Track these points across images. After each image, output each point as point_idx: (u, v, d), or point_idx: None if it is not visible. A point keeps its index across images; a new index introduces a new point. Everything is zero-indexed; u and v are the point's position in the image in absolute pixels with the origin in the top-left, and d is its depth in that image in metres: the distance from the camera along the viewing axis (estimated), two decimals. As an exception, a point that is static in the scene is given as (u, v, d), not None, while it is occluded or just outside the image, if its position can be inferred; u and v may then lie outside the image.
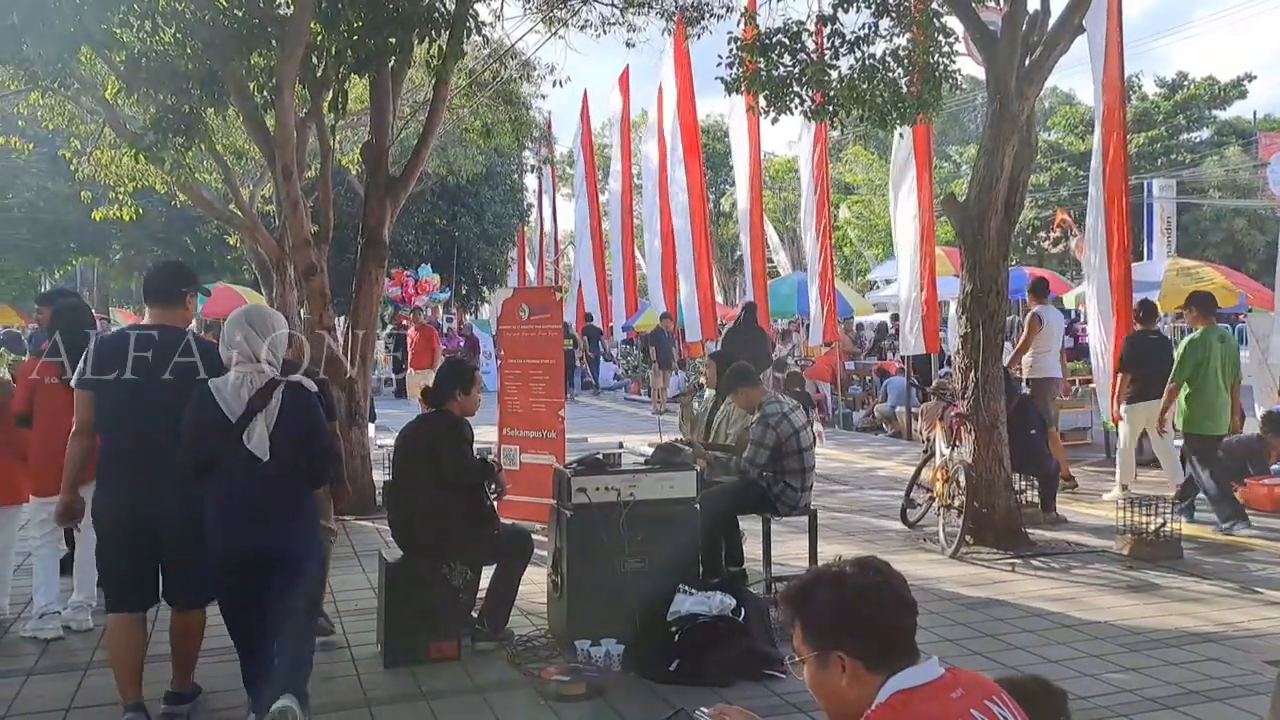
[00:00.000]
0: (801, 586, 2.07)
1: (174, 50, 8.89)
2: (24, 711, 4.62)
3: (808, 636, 2.02)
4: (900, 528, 8.35)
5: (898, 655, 1.97)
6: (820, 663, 2.00)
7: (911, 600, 2.04)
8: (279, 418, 4.05)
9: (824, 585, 2.03)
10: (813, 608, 2.02)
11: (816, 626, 2.01)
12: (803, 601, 2.04)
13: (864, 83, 8.79)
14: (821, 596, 2.01)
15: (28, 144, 16.34)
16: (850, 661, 1.96)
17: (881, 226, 33.91)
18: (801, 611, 2.04)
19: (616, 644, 5.07)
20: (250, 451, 4.02)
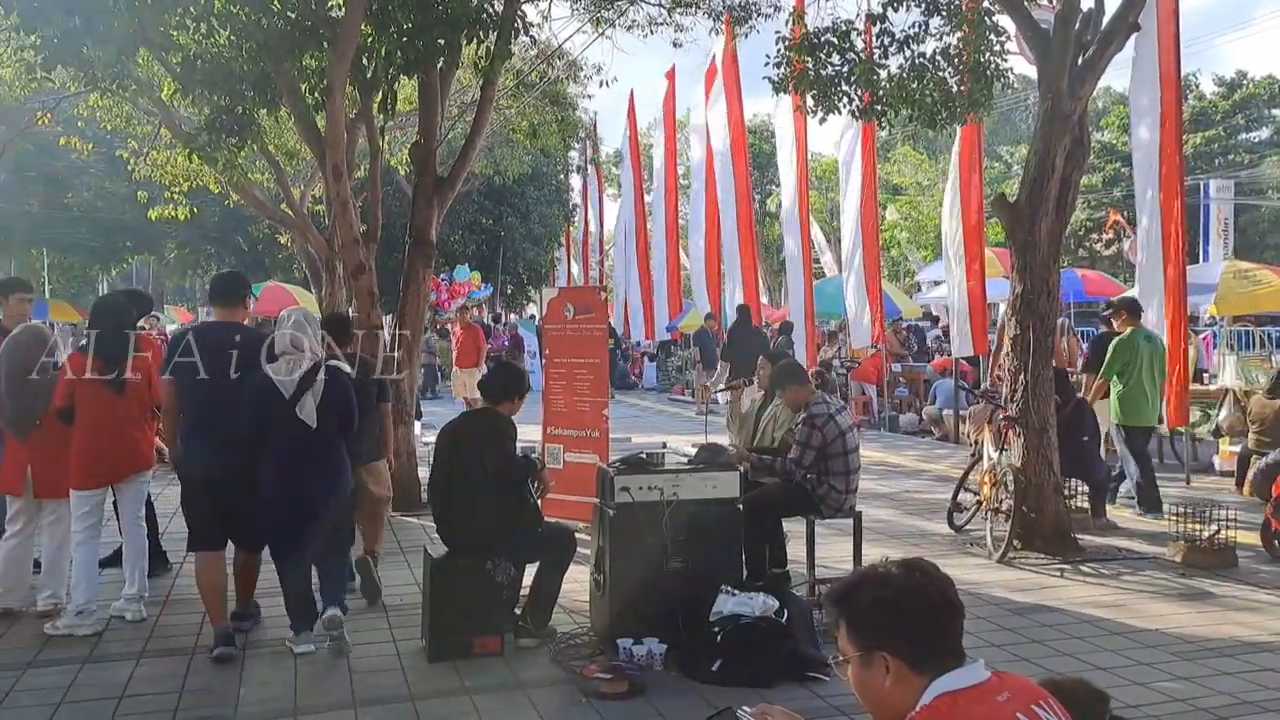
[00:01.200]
0: (847, 586, 2.06)
1: (228, 52, 9.05)
2: (77, 700, 4.72)
3: (852, 636, 2.00)
4: (946, 531, 8.26)
5: (943, 657, 1.94)
6: (864, 663, 1.98)
7: (958, 602, 2.01)
8: (323, 394, 5.12)
9: (870, 585, 2.01)
10: (858, 607, 2.00)
11: (861, 626, 1.99)
12: (848, 601, 2.02)
13: (913, 82, 8.72)
14: (867, 596, 1.99)
15: (87, 144, 16.71)
16: (895, 662, 1.94)
17: (930, 227, 33.57)
18: (846, 611, 2.02)
19: (659, 643, 5.07)
20: (302, 420, 5.06)
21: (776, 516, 6.46)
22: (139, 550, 6.00)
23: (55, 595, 5.90)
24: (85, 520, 5.76)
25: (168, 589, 6.55)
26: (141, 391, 5.93)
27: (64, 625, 5.59)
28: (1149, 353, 9.02)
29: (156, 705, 4.63)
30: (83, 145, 16.51)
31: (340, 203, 9.07)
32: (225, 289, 5.71)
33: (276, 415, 5.07)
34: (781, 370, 6.68)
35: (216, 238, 30.93)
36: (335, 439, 5.24)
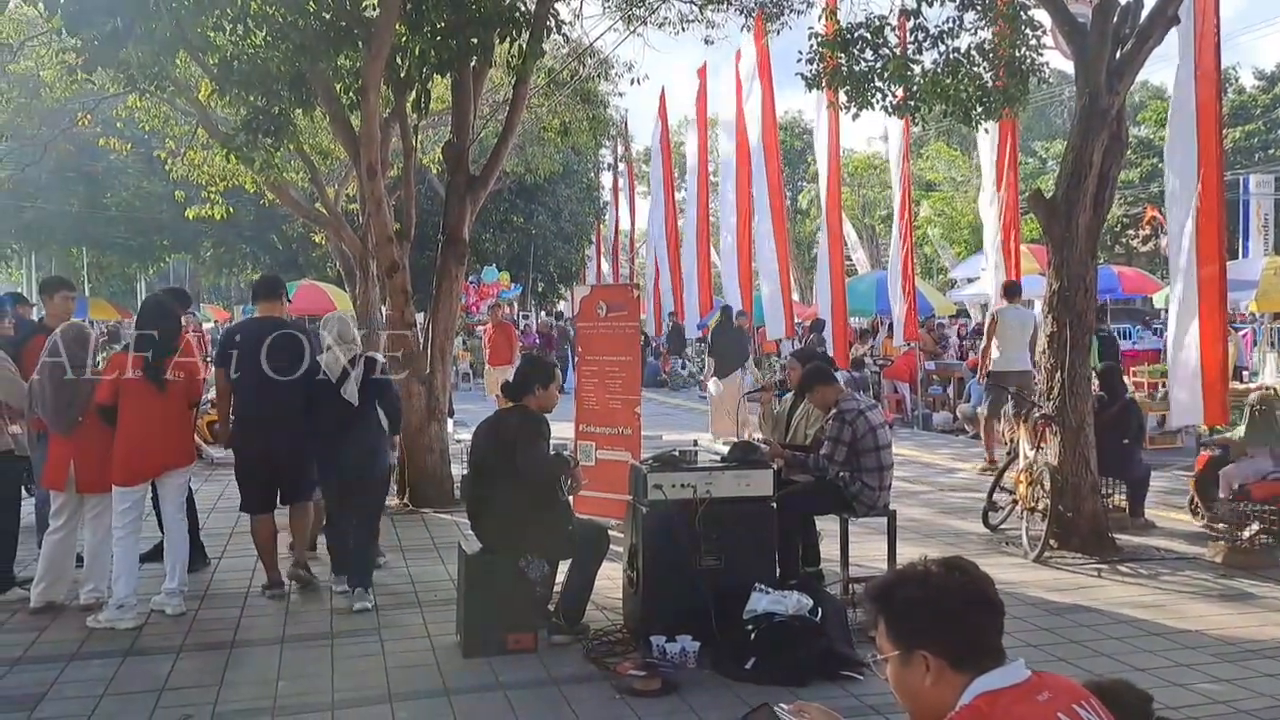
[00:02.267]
0: (886, 584, 2.05)
1: (264, 53, 9.15)
2: (119, 692, 4.79)
3: (891, 635, 1.99)
4: (982, 530, 8.20)
5: (983, 656, 1.93)
6: (904, 662, 1.97)
7: (998, 600, 2.00)
8: (362, 378, 6.09)
9: (909, 583, 2.00)
10: (897, 605, 1.99)
11: (901, 625, 1.98)
12: (887, 599, 2.01)
13: (948, 77, 8.66)
14: (906, 594, 1.98)
15: (125, 145, 16.93)
16: (934, 661, 1.93)
17: (964, 224, 33.28)
18: (885, 609, 2.01)
19: (692, 641, 5.07)
20: (346, 400, 6.06)
21: (810, 514, 6.43)
22: (179, 545, 6.09)
23: (97, 589, 5.99)
24: (126, 515, 5.85)
25: (207, 583, 6.64)
26: (182, 389, 6.03)
27: (105, 619, 5.67)
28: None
29: (196, 698, 4.70)
30: (121, 145, 16.73)
31: (374, 201, 9.14)
32: (269, 288, 6.89)
33: (325, 396, 6.09)
34: (809, 373, 6.65)
35: (252, 237, 31.29)
36: (373, 415, 6.21)
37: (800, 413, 7.01)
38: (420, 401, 9.17)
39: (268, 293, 6.79)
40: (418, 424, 9.17)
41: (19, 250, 36.16)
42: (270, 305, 6.70)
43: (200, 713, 4.52)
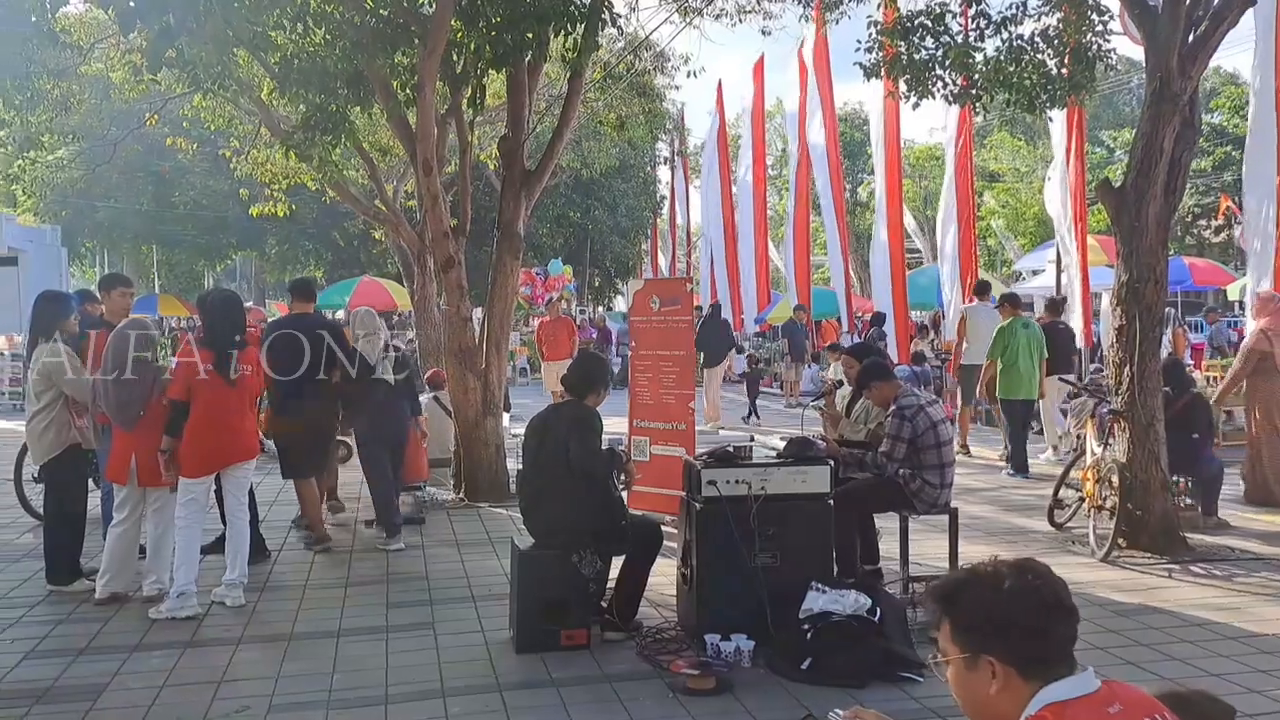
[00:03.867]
0: (954, 584, 1.95)
1: (323, 51, 9.24)
2: (179, 683, 4.85)
3: (957, 638, 1.90)
4: (1047, 529, 7.99)
5: (1054, 665, 1.84)
6: (969, 666, 1.88)
7: (1073, 606, 1.89)
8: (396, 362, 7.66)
9: (979, 585, 1.90)
10: (965, 607, 1.90)
11: (968, 627, 1.89)
12: (954, 600, 1.92)
13: (1011, 64, 8.43)
14: (976, 596, 1.89)
15: (192, 144, 17.28)
16: (1002, 668, 1.83)
17: (1029, 215, 32.60)
18: (952, 610, 1.92)
19: (747, 639, 4.99)
20: (383, 379, 7.48)
21: (868, 512, 6.31)
22: (241, 537, 6.18)
23: (159, 580, 6.09)
24: (189, 507, 5.96)
25: (266, 576, 6.72)
26: (249, 383, 6.13)
27: (166, 609, 5.77)
28: (1026, 338, 10.61)
29: (253, 690, 4.74)
30: (188, 145, 17.09)
31: (430, 197, 9.18)
32: (303, 288, 8.19)
33: (364, 376, 7.41)
34: (866, 370, 6.52)
35: (314, 234, 31.77)
36: (400, 392, 7.74)
37: (859, 408, 6.88)
38: (476, 396, 9.20)
39: (302, 292, 8.09)
40: (473, 418, 9.21)
41: (92, 248, 37.19)
42: (303, 303, 7.98)
43: (257, 705, 4.56)
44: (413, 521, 8.31)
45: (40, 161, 24.62)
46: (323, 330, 7.59)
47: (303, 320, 7.78)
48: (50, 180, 27.16)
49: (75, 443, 6.33)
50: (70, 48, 10.47)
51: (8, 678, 4.94)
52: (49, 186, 28.02)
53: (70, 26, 12.58)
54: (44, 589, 6.36)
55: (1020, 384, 10.55)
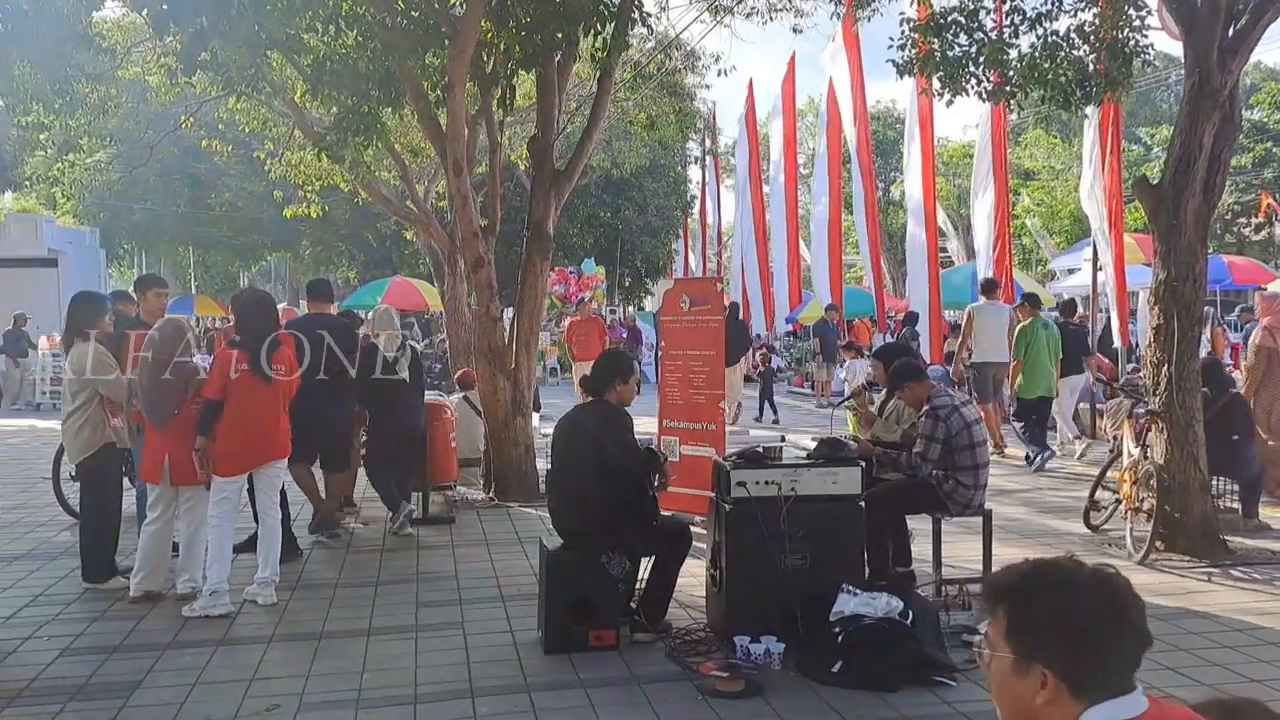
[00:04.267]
0: (1022, 580, 1.77)
1: (355, 53, 9.29)
2: (211, 680, 4.89)
3: (1013, 637, 1.74)
4: (1083, 531, 7.88)
5: (1110, 687, 1.70)
6: (1017, 670, 1.74)
7: (1148, 632, 1.72)
8: (411, 360, 8.04)
9: (1051, 587, 1.73)
10: (1030, 609, 1.72)
11: (1029, 629, 1.72)
12: (1020, 599, 1.75)
13: (1046, 61, 8.31)
14: (1046, 600, 1.72)
15: (227, 146, 17.47)
16: (1055, 682, 1.69)
17: (1064, 214, 32.22)
18: (1015, 608, 1.75)
19: (777, 642, 4.95)
20: (400, 375, 7.87)
21: (900, 513, 6.25)
22: (272, 535, 6.22)
23: (192, 579, 6.14)
24: (222, 505, 6.00)
25: (298, 574, 6.76)
26: (284, 383, 6.17)
27: (199, 607, 5.82)
28: (1045, 338, 11.00)
29: (284, 688, 4.77)
30: (223, 148, 17.26)
31: (460, 197, 9.21)
32: (318, 289, 8.51)
33: (385, 373, 7.80)
34: (898, 370, 6.45)
35: (348, 234, 32.00)
36: (416, 389, 8.20)
37: (891, 409, 6.82)
38: (505, 396, 9.21)
39: (320, 293, 8.40)
40: (503, 418, 9.22)
41: (130, 250, 37.71)
42: (320, 304, 8.24)
43: (287, 704, 4.58)
44: (442, 521, 8.34)
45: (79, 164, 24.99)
46: (323, 331, 7.62)
47: (308, 321, 7.96)
48: (89, 183, 27.56)
49: (110, 442, 6.40)
50: (107, 52, 10.59)
51: (43, 674, 4.99)
52: (88, 189, 28.44)
53: (107, 31, 12.74)
54: (80, 586, 6.44)
55: (1039, 382, 10.93)
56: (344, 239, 32.88)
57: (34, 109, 11.13)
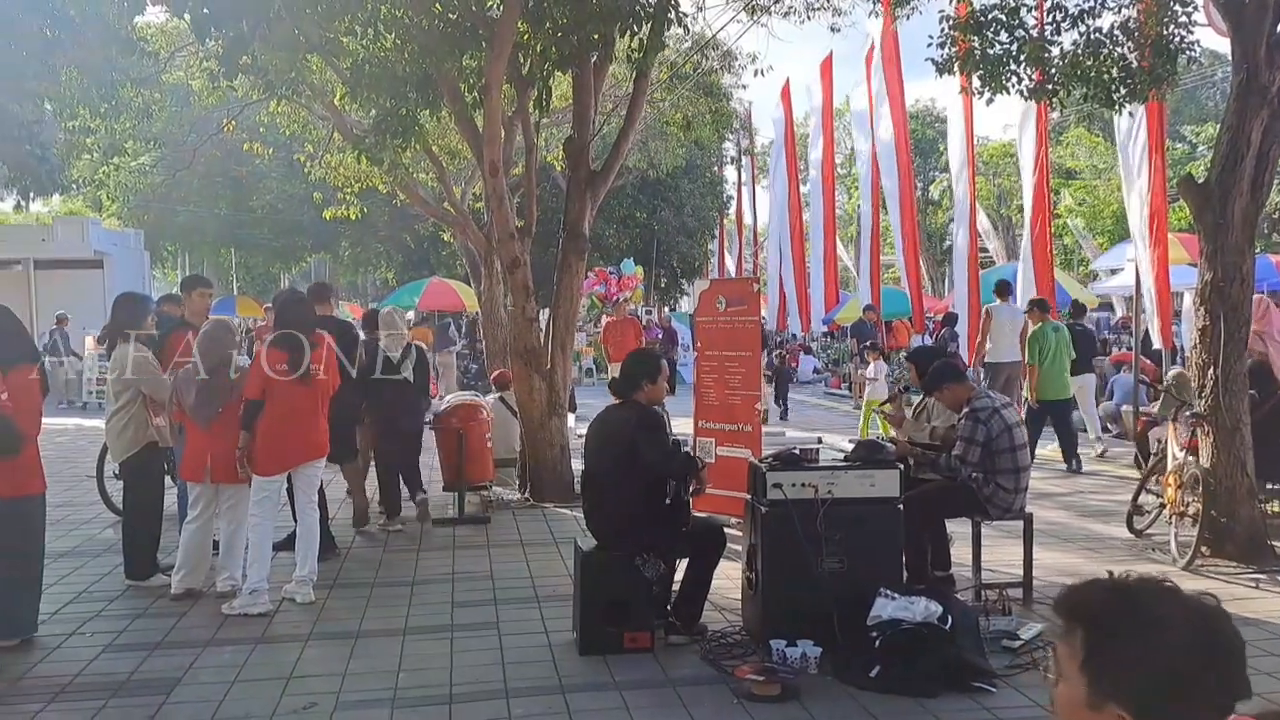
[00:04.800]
0: (1106, 610, 1.54)
1: (393, 56, 9.36)
2: (250, 678, 4.93)
3: (1090, 669, 1.54)
4: (1125, 535, 7.75)
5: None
6: (1091, 703, 1.54)
7: (1246, 680, 1.52)
8: (415, 360, 8.20)
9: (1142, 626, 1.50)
10: (1114, 647, 1.51)
11: (1110, 668, 1.51)
12: (1104, 631, 1.53)
13: (1088, 59, 8.19)
14: (1133, 640, 1.50)
15: (267, 149, 17.68)
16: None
17: (1107, 214, 31.74)
18: (1097, 640, 1.53)
19: (813, 645, 4.91)
20: (402, 375, 8.05)
21: (939, 517, 6.17)
22: (310, 534, 6.27)
23: (232, 577, 6.20)
24: (262, 505, 6.06)
25: (336, 573, 6.81)
26: (323, 383, 6.22)
27: (239, 605, 5.87)
28: (1056, 341, 11.22)
29: (321, 686, 4.80)
30: (264, 150, 17.47)
31: (496, 198, 9.24)
32: (317, 291, 8.56)
33: (386, 371, 7.98)
34: (937, 370, 6.37)
35: (386, 236, 32.29)
36: (419, 388, 8.38)
37: (918, 407, 6.73)
38: (541, 396, 9.22)
39: (321, 295, 8.38)
40: (538, 418, 9.23)
41: (174, 251, 38.30)
42: (322, 305, 8.08)
43: (324, 702, 4.61)
44: (478, 521, 8.37)
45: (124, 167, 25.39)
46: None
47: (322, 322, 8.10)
48: (134, 185, 28.04)
49: (153, 441, 6.48)
50: (151, 56, 10.75)
51: (86, 670, 5.07)
52: (132, 192, 28.94)
53: (151, 36, 12.94)
54: (123, 583, 6.53)
55: (1054, 385, 11.10)
56: (382, 240, 33.18)
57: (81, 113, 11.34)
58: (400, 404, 8.13)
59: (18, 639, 5.36)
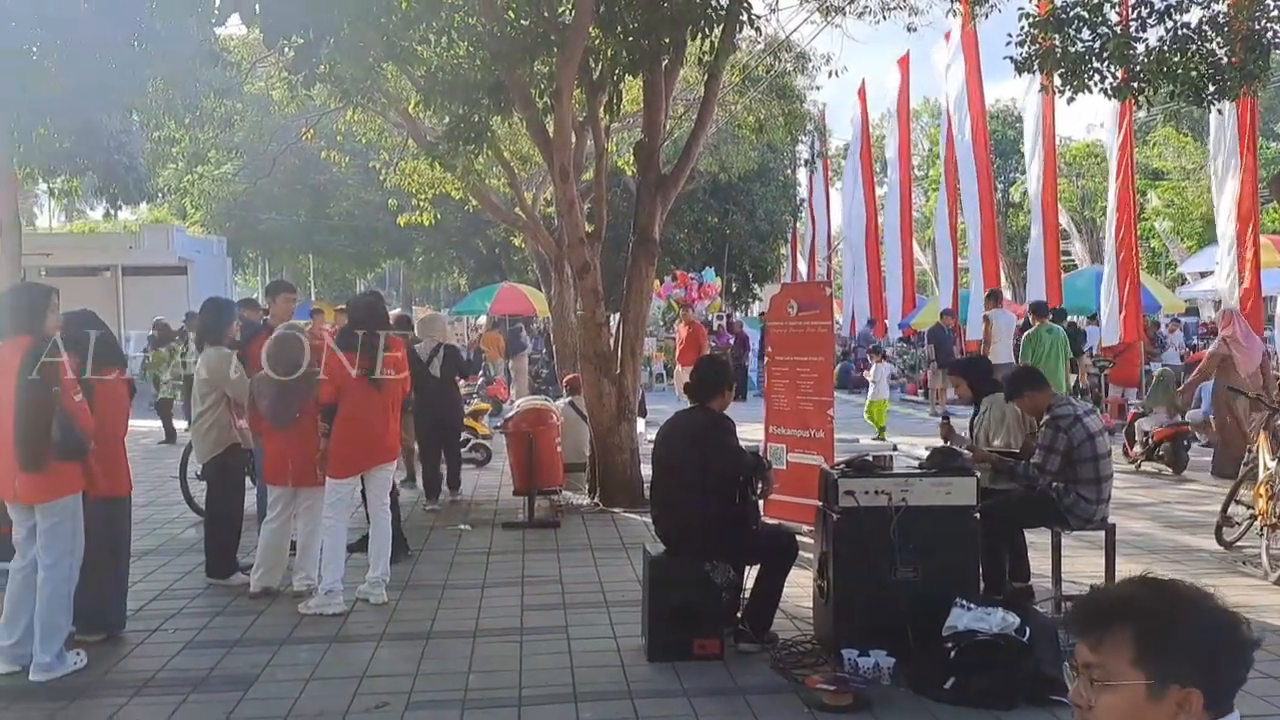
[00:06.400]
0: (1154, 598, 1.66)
1: (465, 63, 9.46)
2: (324, 676, 5.01)
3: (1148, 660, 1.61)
4: (1214, 547, 7.46)
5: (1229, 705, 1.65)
6: (1153, 694, 1.60)
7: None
8: (443, 359, 9.16)
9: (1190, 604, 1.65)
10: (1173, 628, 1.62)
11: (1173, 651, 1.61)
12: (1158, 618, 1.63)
13: (1176, 55, 7.95)
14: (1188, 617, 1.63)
15: (344, 157, 18.02)
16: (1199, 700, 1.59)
17: (1195, 215, 30.75)
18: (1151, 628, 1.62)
19: (886, 655, 4.81)
20: (431, 373, 8.95)
21: (1017, 526, 6.01)
22: (383, 536, 6.34)
23: (308, 576, 6.31)
24: (337, 507, 6.15)
25: (408, 574, 6.88)
26: (396, 386, 6.29)
27: (314, 605, 5.97)
28: (1050, 343, 12.09)
29: (392, 686, 4.85)
30: (341, 158, 17.80)
31: (566, 204, 9.28)
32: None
33: (417, 371, 8.12)
34: (1017, 376, 6.20)
35: (458, 242, 32.67)
36: (451, 385, 9.38)
37: (978, 423, 6.51)
38: (611, 401, 9.22)
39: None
40: (608, 423, 9.24)
41: (254, 258, 39.28)
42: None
43: (396, 701, 4.66)
44: (548, 525, 8.40)
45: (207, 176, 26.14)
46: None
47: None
48: (216, 194, 28.81)
49: (236, 443, 6.64)
50: (233, 67, 11.03)
51: (169, 665, 5.19)
52: (215, 200, 29.74)
53: (233, 47, 13.28)
54: (204, 582, 6.69)
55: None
56: (454, 246, 33.57)
57: (166, 124, 11.68)
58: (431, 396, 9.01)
59: (106, 634, 5.52)
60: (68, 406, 4.89)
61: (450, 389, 9.46)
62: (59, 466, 4.90)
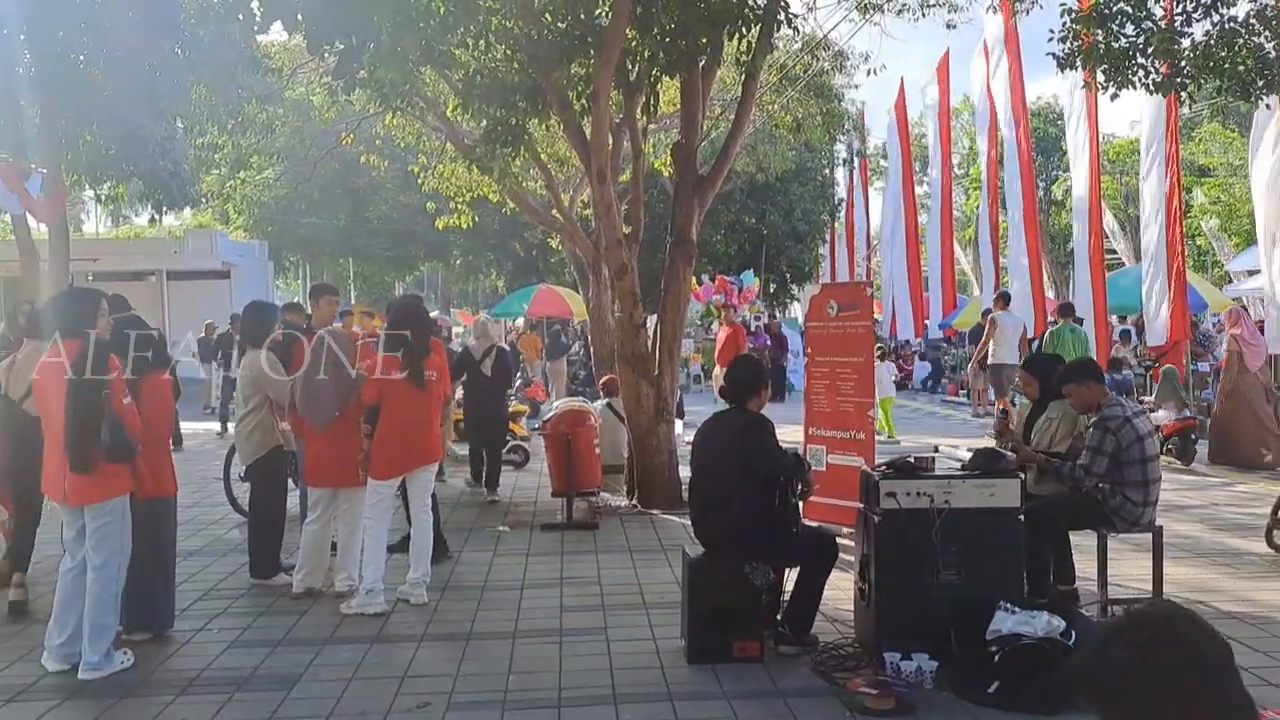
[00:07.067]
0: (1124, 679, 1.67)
1: (503, 66, 9.50)
2: (366, 676, 5.04)
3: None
4: (1264, 551, 7.30)
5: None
6: None
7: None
8: (495, 359, 9.64)
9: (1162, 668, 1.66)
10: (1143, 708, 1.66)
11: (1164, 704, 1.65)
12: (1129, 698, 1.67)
13: (1222, 49, 7.80)
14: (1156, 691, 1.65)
15: (383, 161, 18.19)
16: None
17: (1244, 212, 30.15)
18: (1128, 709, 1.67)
19: (929, 659, 4.76)
20: (483, 371, 9.60)
21: (1063, 529, 5.92)
22: (425, 537, 6.38)
23: (350, 577, 6.35)
24: (377, 508, 6.18)
25: (448, 575, 6.92)
26: (438, 388, 6.32)
27: (356, 605, 6.01)
28: (1072, 340, 12.34)
29: (433, 686, 4.87)
30: (379, 162, 17.97)
31: (604, 205, 9.28)
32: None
33: (470, 371, 9.63)
34: (1072, 367, 6.08)
35: (496, 244, 32.89)
36: (502, 386, 10.02)
37: (1041, 423, 6.37)
38: (649, 402, 9.21)
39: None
40: (646, 425, 9.23)
41: (295, 261, 39.75)
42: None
43: (437, 701, 4.68)
44: (586, 527, 8.41)
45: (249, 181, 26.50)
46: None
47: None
48: (258, 198, 29.22)
49: (278, 445, 6.71)
50: (274, 73, 11.16)
51: (214, 664, 5.25)
52: (257, 204, 30.15)
53: (274, 54, 13.45)
54: (248, 582, 6.76)
55: None
56: (492, 248, 33.80)
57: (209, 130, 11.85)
58: (482, 394, 9.82)
59: (152, 633, 5.60)
60: (117, 409, 4.97)
61: (500, 390, 10.02)
62: (108, 468, 4.98)
